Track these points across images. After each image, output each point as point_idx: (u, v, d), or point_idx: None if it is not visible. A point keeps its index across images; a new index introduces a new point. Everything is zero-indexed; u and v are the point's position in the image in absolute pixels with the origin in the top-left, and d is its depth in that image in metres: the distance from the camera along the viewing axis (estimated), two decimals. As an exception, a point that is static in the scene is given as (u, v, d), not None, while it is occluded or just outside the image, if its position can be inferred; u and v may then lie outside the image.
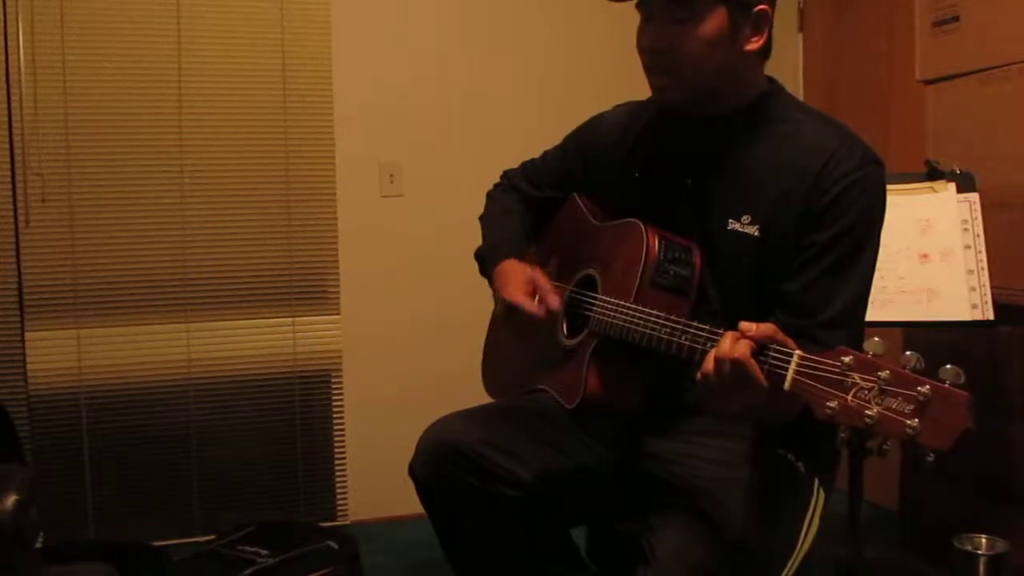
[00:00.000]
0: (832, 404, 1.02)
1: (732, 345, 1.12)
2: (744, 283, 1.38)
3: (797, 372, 1.07)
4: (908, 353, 1.00)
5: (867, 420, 0.99)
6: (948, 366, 0.97)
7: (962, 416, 0.95)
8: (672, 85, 1.37)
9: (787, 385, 1.08)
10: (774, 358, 1.10)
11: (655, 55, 1.36)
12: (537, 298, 1.49)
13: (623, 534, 1.56)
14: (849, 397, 1.01)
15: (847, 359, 1.02)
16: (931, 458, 0.98)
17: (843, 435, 1.06)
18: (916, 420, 0.96)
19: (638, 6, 1.39)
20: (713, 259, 1.41)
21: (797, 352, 1.08)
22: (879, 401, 0.99)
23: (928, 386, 0.96)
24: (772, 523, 1.35)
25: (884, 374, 0.99)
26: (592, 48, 3.04)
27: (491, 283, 1.62)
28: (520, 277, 1.54)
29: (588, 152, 1.63)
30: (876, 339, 1.03)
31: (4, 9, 2.48)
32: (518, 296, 1.49)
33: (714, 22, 1.32)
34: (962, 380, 0.97)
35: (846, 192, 1.31)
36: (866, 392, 1.00)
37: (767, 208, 1.36)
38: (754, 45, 1.37)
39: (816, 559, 1.42)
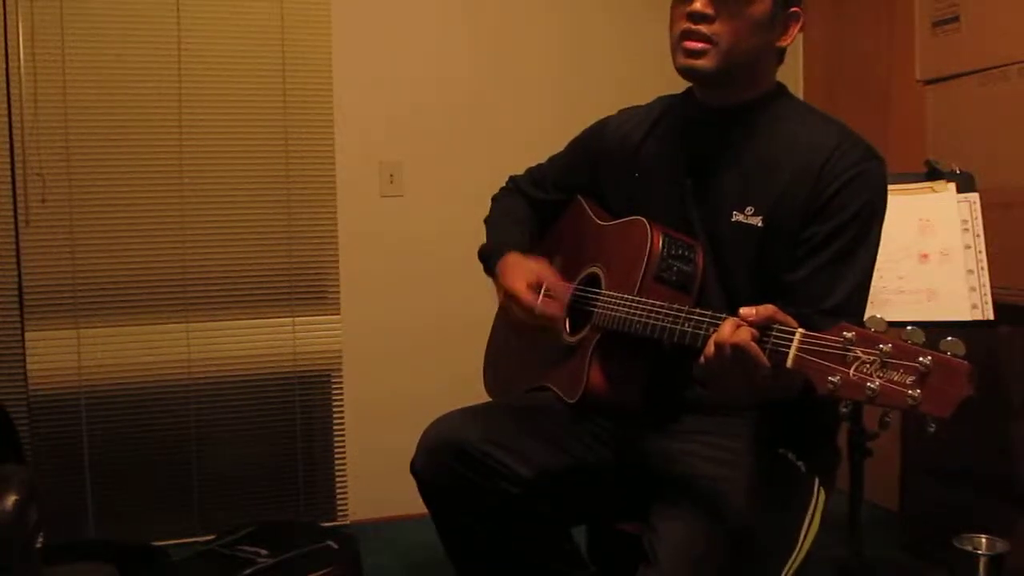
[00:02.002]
0: (834, 379, 1.03)
1: (732, 331, 1.13)
2: (747, 274, 1.40)
3: (799, 350, 1.08)
4: (910, 328, 1.01)
5: (868, 392, 1.00)
6: (949, 338, 0.98)
7: (962, 385, 0.96)
8: (706, 52, 1.38)
9: (789, 363, 1.09)
10: (776, 338, 1.11)
11: (700, 20, 1.37)
12: (542, 292, 1.50)
13: (623, 534, 1.56)
14: (851, 371, 1.02)
15: (849, 334, 1.03)
16: (932, 428, 0.98)
17: (845, 410, 1.07)
18: (917, 390, 0.97)
19: None
20: (718, 251, 1.42)
21: (799, 330, 1.10)
22: (881, 374, 1.00)
23: (929, 356, 0.98)
24: (772, 522, 1.35)
25: (886, 347, 1.00)
26: (594, 49, 3.04)
27: (495, 279, 1.62)
28: (524, 268, 1.55)
29: (594, 154, 1.64)
30: (878, 315, 1.04)
31: (4, 9, 2.48)
32: (518, 284, 1.51)
33: (761, 6, 1.36)
34: (963, 351, 0.98)
35: (848, 185, 1.34)
36: (868, 365, 1.01)
37: (771, 200, 1.38)
38: (784, 42, 1.42)
39: (816, 559, 1.42)
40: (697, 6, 1.37)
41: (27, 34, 2.51)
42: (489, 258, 1.66)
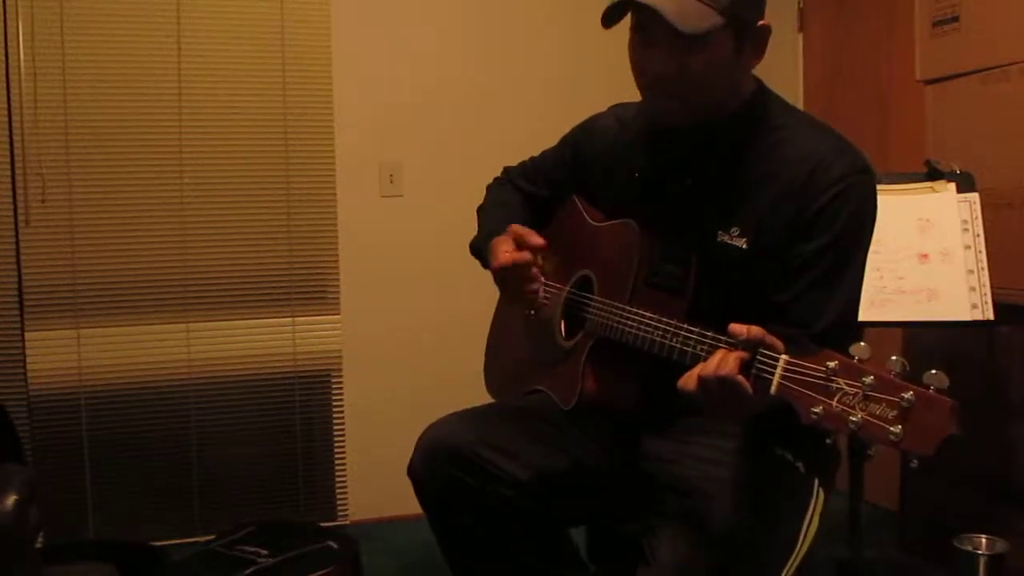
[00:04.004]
0: (817, 409, 1.03)
1: (718, 364, 1.12)
2: (733, 295, 1.36)
3: (783, 377, 1.07)
4: (894, 358, 1.00)
5: (851, 425, 1.00)
6: (933, 371, 0.97)
7: (945, 423, 0.95)
8: (678, 109, 1.35)
9: (773, 390, 1.08)
10: (760, 363, 1.10)
11: (662, 81, 1.33)
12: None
13: (623, 534, 1.56)
14: (834, 402, 1.02)
15: (832, 364, 1.02)
16: (914, 464, 0.97)
17: (829, 441, 1.06)
18: (899, 426, 0.96)
19: (633, 29, 1.35)
20: (702, 270, 1.39)
21: (783, 357, 1.08)
22: (863, 407, 0.99)
23: (912, 392, 0.96)
24: (772, 523, 1.35)
25: (868, 379, 0.99)
26: (592, 48, 3.03)
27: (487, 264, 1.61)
28: (504, 242, 1.51)
29: (583, 152, 1.63)
30: (862, 344, 1.03)
31: (4, 9, 2.48)
32: (504, 257, 1.47)
33: (721, 46, 1.30)
34: (946, 385, 0.96)
35: (833, 202, 1.30)
36: (851, 397, 1.00)
37: (755, 220, 1.35)
38: (756, 61, 1.37)
39: (816, 559, 1.42)
40: (654, 67, 1.32)
41: (27, 34, 2.51)
42: (481, 250, 1.65)
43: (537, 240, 1.46)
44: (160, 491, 2.69)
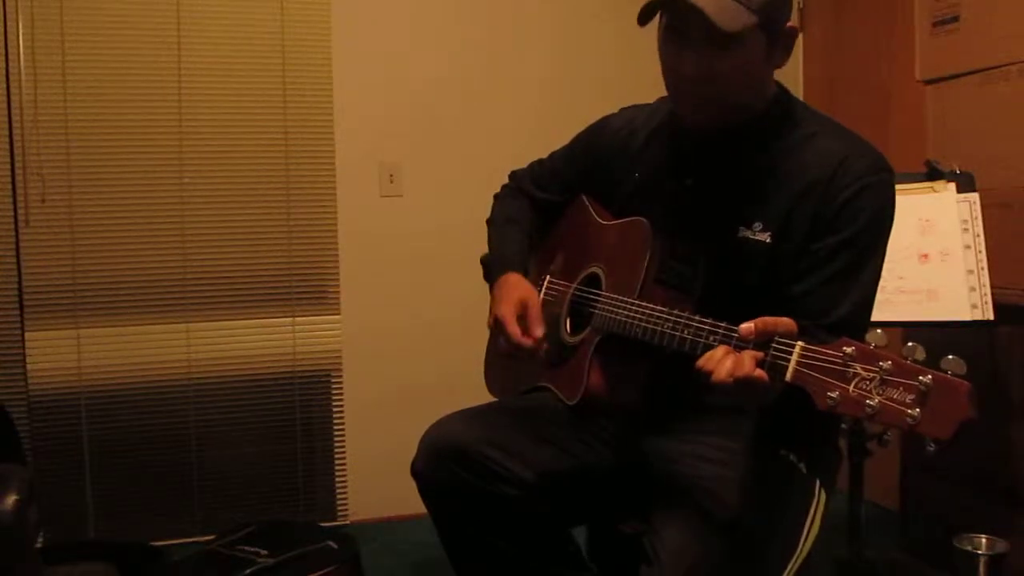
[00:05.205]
0: (833, 394, 1.03)
1: (732, 368, 1.11)
2: (750, 289, 1.37)
3: (799, 363, 1.07)
4: (910, 344, 1.00)
5: (868, 410, 0.99)
6: (951, 356, 0.97)
7: (963, 406, 0.94)
8: (710, 111, 1.36)
9: (788, 376, 1.08)
10: (776, 349, 1.10)
11: (697, 84, 1.33)
12: (523, 323, 1.48)
13: (624, 534, 1.56)
14: (851, 387, 1.01)
15: (849, 350, 1.02)
16: (932, 448, 0.97)
17: (844, 426, 1.05)
18: (917, 409, 0.96)
19: (666, 29, 1.35)
20: (720, 265, 1.40)
21: (799, 343, 1.08)
22: (880, 391, 0.99)
23: (930, 375, 0.96)
24: (774, 524, 1.35)
25: (886, 364, 0.99)
26: (593, 48, 3.04)
27: (491, 295, 1.63)
28: (515, 295, 1.52)
29: (595, 153, 1.63)
30: (879, 331, 1.03)
31: (4, 9, 2.48)
32: (507, 312, 1.49)
33: (754, 47, 1.31)
34: (964, 370, 0.97)
35: (856, 198, 1.32)
36: (868, 382, 1.00)
37: (779, 214, 1.36)
38: (784, 62, 1.38)
39: (817, 559, 1.43)
40: (690, 69, 1.32)
41: (27, 34, 2.51)
42: (490, 271, 1.66)
43: (528, 341, 1.46)
44: (160, 491, 2.69)
